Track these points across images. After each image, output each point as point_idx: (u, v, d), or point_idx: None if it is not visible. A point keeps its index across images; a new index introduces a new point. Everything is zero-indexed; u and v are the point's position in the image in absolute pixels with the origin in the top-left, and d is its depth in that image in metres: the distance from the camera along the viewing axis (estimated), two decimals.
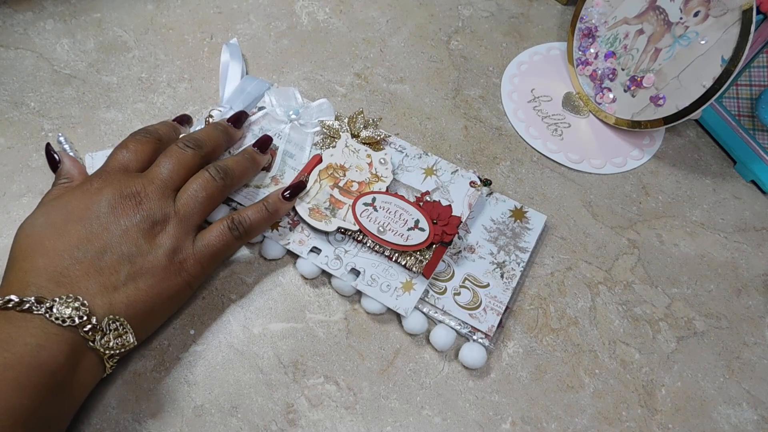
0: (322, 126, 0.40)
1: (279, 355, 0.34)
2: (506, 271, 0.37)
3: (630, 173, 0.43)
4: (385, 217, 0.36)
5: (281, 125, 0.40)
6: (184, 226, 0.32)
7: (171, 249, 0.32)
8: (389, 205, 0.37)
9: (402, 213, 0.36)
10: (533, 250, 0.38)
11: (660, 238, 0.40)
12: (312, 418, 0.32)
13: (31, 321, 0.27)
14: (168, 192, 0.33)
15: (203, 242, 0.33)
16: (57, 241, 0.30)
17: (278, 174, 0.39)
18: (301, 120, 0.41)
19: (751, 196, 0.43)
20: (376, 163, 0.39)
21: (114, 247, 0.30)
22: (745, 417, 0.34)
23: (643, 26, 0.43)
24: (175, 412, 0.32)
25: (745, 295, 0.38)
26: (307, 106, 0.42)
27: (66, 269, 0.29)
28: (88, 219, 0.31)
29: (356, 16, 0.50)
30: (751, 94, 0.41)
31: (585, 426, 0.33)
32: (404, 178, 0.39)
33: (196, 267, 0.33)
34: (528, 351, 0.35)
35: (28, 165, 0.40)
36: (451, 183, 0.39)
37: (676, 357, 0.36)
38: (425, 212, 0.36)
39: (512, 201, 0.39)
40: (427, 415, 0.33)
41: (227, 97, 0.42)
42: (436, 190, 0.39)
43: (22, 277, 0.29)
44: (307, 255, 0.36)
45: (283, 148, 0.40)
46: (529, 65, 0.48)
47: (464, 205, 0.38)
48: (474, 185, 0.39)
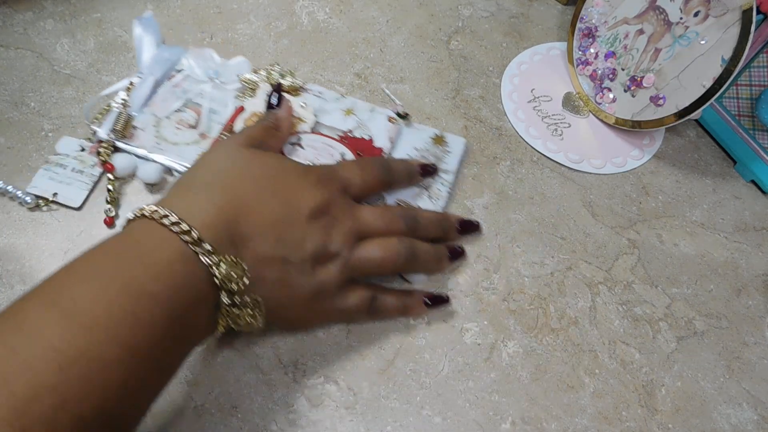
0: (241, 80, 0.42)
1: (279, 355, 0.34)
2: (432, 193, 0.39)
3: (630, 173, 0.43)
4: (312, 153, 0.39)
5: (202, 85, 0.42)
6: (343, 274, 0.32)
7: (320, 286, 0.31)
8: (315, 143, 0.39)
9: (327, 148, 0.39)
10: (456, 172, 0.41)
11: (660, 238, 0.40)
12: (312, 418, 0.32)
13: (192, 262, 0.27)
14: (357, 237, 0.33)
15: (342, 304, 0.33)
16: (255, 204, 0.30)
17: (205, 130, 0.41)
18: (222, 78, 0.43)
19: (751, 196, 0.43)
20: (297, 107, 0.41)
21: (287, 245, 0.30)
22: (745, 417, 0.34)
23: (643, 26, 0.43)
24: (175, 412, 0.32)
25: (745, 295, 0.38)
26: (226, 65, 0.44)
27: (246, 236, 0.29)
28: (290, 205, 0.31)
29: (356, 16, 0.50)
30: (751, 94, 0.41)
31: (585, 426, 0.33)
32: (325, 120, 0.42)
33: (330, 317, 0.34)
34: (528, 351, 0.35)
35: (28, 165, 0.40)
36: (370, 120, 0.42)
37: (676, 357, 0.36)
38: (349, 146, 0.39)
39: (432, 129, 0.42)
40: (427, 415, 0.33)
41: (145, 65, 0.43)
42: (357, 128, 0.41)
43: (208, 210, 0.28)
44: None
45: (207, 106, 0.42)
46: (529, 65, 0.48)
47: (385, 139, 0.41)
48: (392, 120, 0.42)
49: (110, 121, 0.40)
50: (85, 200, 0.38)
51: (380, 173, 0.35)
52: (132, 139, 0.40)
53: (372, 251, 0.33)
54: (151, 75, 0.42)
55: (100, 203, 0.38)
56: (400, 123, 0.41)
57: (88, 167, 0.39)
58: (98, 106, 0.41)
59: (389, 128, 0.41)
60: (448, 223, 0.37)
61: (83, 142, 0.40)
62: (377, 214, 0.34)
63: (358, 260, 0.32)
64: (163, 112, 0.41)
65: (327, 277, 0.31)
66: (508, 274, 0.38)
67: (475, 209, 0.40)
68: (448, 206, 0.40)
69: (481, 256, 0.38)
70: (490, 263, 0.38)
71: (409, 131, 0.42)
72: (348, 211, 0.33)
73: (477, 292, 0.37)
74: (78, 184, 0.38)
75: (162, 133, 0.40)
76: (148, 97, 0.42)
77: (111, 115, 0.40)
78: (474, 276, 0.38)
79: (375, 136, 0.41)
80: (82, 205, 0.38)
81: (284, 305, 0.31)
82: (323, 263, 0.31)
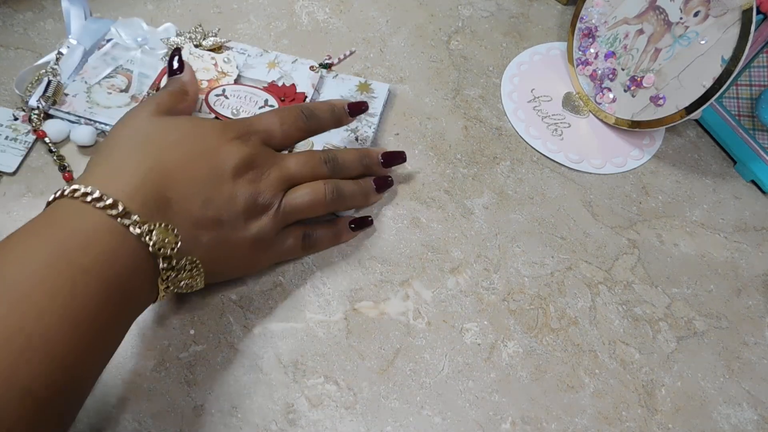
0: (166, 44, 0.44)
1: (279, 355, 0.34)
2: (360, 135, 0.42)
3: (630, 173, 0.43)
4: (236, 102, 0.41)
5: (131, 52, 0.44)
6: (277, 223, 0.33)
7: (256, 239, 0.32)
8: (239, 92, 0.41)
9: (251, 96, 0.41)
10: (381, 114, 0.43)
11: (660, 238, 0.40)
12: (312, 418, 0.32)
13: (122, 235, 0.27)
14: (285, 186, 0.34)
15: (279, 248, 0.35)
16: (176, 166, 0.30)
17: (137, 93, 0.42)
18: (150, 44, 0.45)
19: (751, 196, 0.43)
20: (221, 62, 0.43)
21: (216, 205, 0.31)
22: (745, 417, 0.34)
23: (643, 26, 0.43)
24: (175, 412, 0.32)
25: (745, 295, 0.38)
26: (154, 32, 0.45)
27: (173, 201, 0.29)
28: (212, 165, 0.31)
29: (356, 16, 0.50)
30: (751, 94, 0.41)
31: (585, 426, 0.33)
32: (250, 74, 0.44)
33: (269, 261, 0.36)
34: (528, 351, 0.35)
35: (27, 165, 0.40)
36: (293, 71, 0.44)
37: (676, 357, 0.36)
38: (272, 93, 0.42)
39: (356, 78, 0.45)
40: (427, 415, 0.33)
41: (74, 35, 0.44)
42: (280, 79, 0.43)
43: (131, 182, 0.28)
44: None
45: (137, 71, 0.43)
46: (529, 65, 0.48)
47: (308, 86, 0.43)
48: (313, 68, 0.44)
49: (41, 89, 0.41)
50: (19, 166, 0.39)
51: (301, 121, 0.35)
52: (64, 106, 0.41)
53: (300, 197, 0.34)
54: (80, 45, 0.44)
55: (35, 168, 0.40)
56: (322, 72, 0.44)
57: (21, 135, 0.40)
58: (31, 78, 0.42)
59: (311, 76, 0.44)
60: (370, 159, 0.38)
61: (17, 111, 0.41)
62: (301, 162, 0.34)
63: (288, 208, 0.33)
64: (94, 79, 0.43)
65: (261, 229, 0.32)
66: (508, 274, 0.38)
67: (475, 209, 0.40)
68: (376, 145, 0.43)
69: (481, 256, 0.38)
70: (490, 263, 0.38)
71: (335, 82, 0.45)
72: (272, 163, 0.33)
73: (477, 292, 0.37)
74: (12, 151, 0.40)
75: (94, 98, 0.42)
76: (78, 65, 0.43)
77: (42, 83, 0.41)
78: (474, 276, 0.38)
79: (298, 83, 0.43)
80: (17, 170, 0.39)
81: (222, 261, 0.32)
82: (256, 216, 0.32)
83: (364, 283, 0.37)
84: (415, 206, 0.40)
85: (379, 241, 0.38)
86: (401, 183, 0.41)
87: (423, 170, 0.42)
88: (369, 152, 0.38)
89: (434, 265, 0.38)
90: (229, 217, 0.31)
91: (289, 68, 0.44)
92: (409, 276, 0.37)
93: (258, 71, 0.44)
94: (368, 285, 0.37)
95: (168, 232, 0.28)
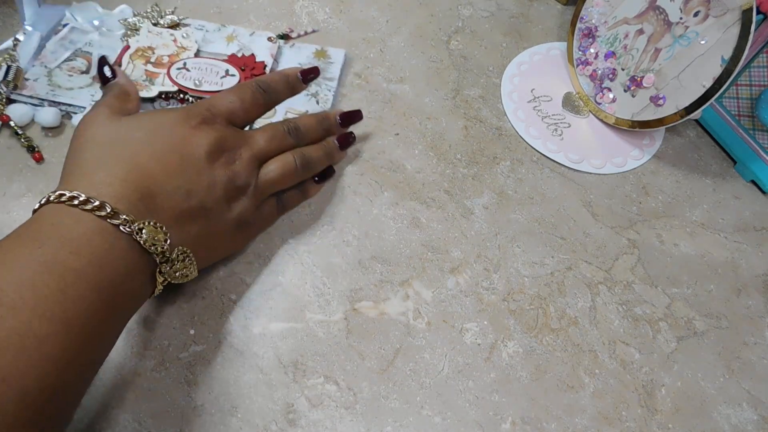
0: (123, 24, 0.45)
1: (279, 355, 0.34)
2: (320, 99, 0.44)
3: (630, 173, 0.43)
4: (198, 73, 0.42)
5: (89, 35, 0.45)
6: (256, 200, 0.35)
7: (240, 219, 0.34)
8: (200, 64, 0.43)
9: (212, 67, 0.43)
10: (339, 78, 0.45)
11: (660, 238, 0.40)
12: (312, 418, 0.32)
13: (111, 236, 0.27)
14: (257, 163, 0.35)
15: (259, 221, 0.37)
16: (153, 164, 0.30)
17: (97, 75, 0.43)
18: (107, 26, 0.46)
19: (751, 196, 0.43)
20: (180, 38, 0.45)
21: (199, 194, 0.31)
22: (745, 417, 0.34)
23: (643, 26, 0.43)
24: (175, 412, 0.32)
25: (745, 295, 0.38)
26: (110, 14, 0.46)
27: (156, 195, 0.29)
28: (186, 155, 0.31)
29: (356, 16, 0.50)
30: (751, 94, 0.41)
31: (585, 426, 0.33)
32: (209, 48, 0.45)
33: (253, 235, 0.37)
34: (528, 351, 0.35)
35: (28, 165, 0.40)
36: (251, 43, 0.46)
37: (676, 357, 0.36)
38: (232, 63, 0.43)
39: (313, 45, 0.47)
40: (427, 415, 0.33)
41: (29, 21, 0.45)
42: (239, 51, 0.45)
43: (111, 181, 0.28)
44: None
45: (96, 53, 0.44)
46: (529, 65, 0.48)
47: (267, 56, 0.45)
48: (271, 39, 0.46)
49: (1, 74, 0.41)
50: None
51: (258, 95, 0.36)
52: (25, 90, 0.42)
53: (273, 172, 0.35)
54: (36, 31, 0.44)
55: (2, 151, 0.40)
56: (280, 42, 0.46)
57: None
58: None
59: (270, 46, 0.46)
60: (329, 121, 0.40)
61: None
62: (267, 137, 0.36)
63: (264, 184, 0.35)
64: (54, 63, 0.43)
65: (243, 208, 0.34)
66: (508, 274, 0.38)
67: (475, 209, 0.40)
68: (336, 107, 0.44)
69: (481, 256, 0.38)
70: (490, 263, 0.38)
71: (292, 51, 0.46)
72: (242, 143, 0.34)
73: (477, 292, 0.37)
74: None
75: (55, 81, 0.42)
76: (35, 51, 0.44)
77: (1, 69, 0.42)
78: (474, 276, 0.38)
79: (257, 54, 0.45)
80: None
81: (212, 247, 0.33)
82: (236, 198, 0.33)
83: (364, 283, 0.37)
84: (415, 206, 0.40)
85: (379, 241, 0.38)
86: (401, 183, 0.41)
87: (423, 170, 0.42)
88: (327, 115, 0.40)
89: (434, 265, 0.38)
90: (212, 203, 0.32)
91: (247, 41, 0.46)
92: (409, 276, 0.37)
93: (217, 45, 0.45)
94: (368, 285, 0.37)
95: (157, 230, 0.28)
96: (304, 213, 0.39)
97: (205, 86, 0.42)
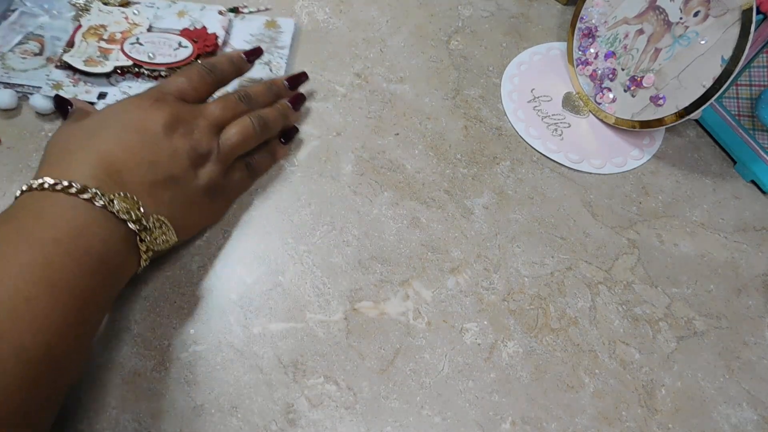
0: (73, 6, 0.46)
1: (279, 355, 0.34)
2: (273, 66, 0.46)
3: (630, 173, 0.43)
4: (151, 47, 0.43)
5: (40, 18, 0.46)
6: (221, 165, 0.36)
7: (209, 185, 0.35)
8: (153, 39, 0.44)
9: (165, 41, 0.44)
10: (290, 47, 0.47)
11: (660, 238, 0.40)
12: (312, 418, 0.32)
13: (87, 211, 0.29)
14: (215, 130, 0.36)
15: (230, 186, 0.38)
16: (114, 144, 0.32)
17: (51, 55, 0.44)
18: (57, 9, 0.46)
19: (751, 196, 0.43)
20: (131, 15, 0.46)
21: (164, 164, 0.33)
22: (745, 417, 0.34)
23: (643, 26, 0.43)
24: (175, 412, 0.32)
25: (745, 295, 0.38)
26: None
27: (121, 170, 0.31)
28: (144, 131, 0.33)
29: (356, 16, 0.50)
30: (751, 94, 0.41)
31: (585, 426, 0.33)
32: (161, 24, 0.46)
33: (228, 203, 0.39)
34: (528, 351, 0.35)
35: (28, 165, 0.40)
36: (202, 18, 0.47)
37: (676, 357, 0.36)
38: (185, 36, 0.44)
39: (263, 16, 0.48)
40: (427, 415, 0.33)
41: None
42: (191, 26, 0.46)
43: (78, 167, 0.30)
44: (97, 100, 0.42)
45: (49, 35, 0.45)
46: (529, 65, 0.48)
47: (218, 28, 0.46)
48: (222, 12, 0.47)
49: None
50: None
51: (205, 75, 0.38)
52: None
53: (233, 135, 0.37)
54: None
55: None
56: (230, 15, 0.48)
57: None
58: None
59: (221, 19, 0.47)
60: (277, 85, 0.42)
61: None
62: (220, 106, 0.37)
63: (226, 149, 0.36)
64: (6, 47, 0.44)
65: (210, 174, 0.35)
66: (508, 274, 0.38)
67: (475, 209, 0.40)
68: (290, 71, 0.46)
69: (481, 256, 0.38)
70: (490, 263, 0.38)
71: (243, 23, 0.48)
72: (196, 114, 0.36)
73: (477, 292, 0.37)
74: None
75: (9, 64, 0.43)
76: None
77: None
78: (474, 276, 0.38)
79: (208, 27, 0.46)
80: None
81: (187, 215, 0.35)
82: (202, 164, 0.35)
83: (364, 283, 0.37)
84: (415, 206, 0.40)
85: (379, 241, 0.38)
86: (401, 183, 0.41)
87: (423, 170, 0.42)
88: (274, 81, 0.42)
89: (434, 265, 0.38)
90: (179, 172, 0.33)
91: (198, 15, 0.47)
92: (409, 276, 0.37)
93: (169, 21, 0.46)
94: (368, 285, 0.37)
95: (128, 199, 0.30)
96: (304, 213, 0.39)
97: (159, 59, 0.43)
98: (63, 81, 0.42)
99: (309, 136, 0.43)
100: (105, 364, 0.33)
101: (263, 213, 0.39)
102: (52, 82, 0.42)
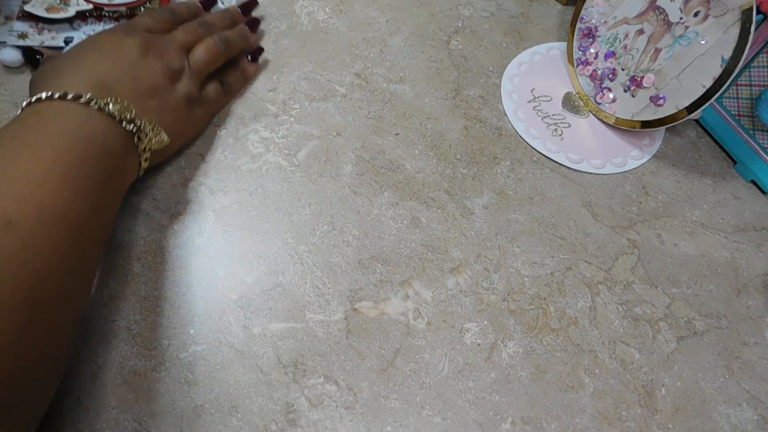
0: None
1: (279, 355, 0.34)
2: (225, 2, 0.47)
3: (630, 173, 0.43)
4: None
5: None
6: (195, 79, 0.40)
7: (187, 94, 0.39)
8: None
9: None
10: None
11: (660, 238, 0.40)
12: (312, 418, 0.32)
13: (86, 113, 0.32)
14: (183, 51, 0.40)
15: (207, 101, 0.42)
16: (97, 62, 0.35)
17: (9, 14, 0.45)
18: None
19: (751, 196, 0.43)
20: None
21: (144, 78, 0.37)
22: (745, 417, 0.34)
23: (643, 26, 0.43)
24: (175, 412, 0.32)
25: (745, 295, 0.38)
26: None
27: (108, 82, 0.35)
28: (121, 53, 0.37)
29: (356, 16, 0.50)
30: (751, 94, 0.41)
31: (585, 426, 0.33)
32: None
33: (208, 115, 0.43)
34: (528, 351, 0.35)
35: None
36: None
37: (676, 357, 0.36)
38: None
39: None
40: (427, 415, 0.33)
41: None
42: None
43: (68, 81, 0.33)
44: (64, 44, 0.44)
45: None
46: (529, 65, 0.48)
47: None
48: None
49: None
50: None
51: (167, 16, 0.42)
52: None
53: (201, 53, 0.41)
54: None
55: None
56: None
57: None
58: None
59: None
60: (231, 13, 0.47)
61: None
62: (182, 31, 0.42)
63: (196, 65, 0.41)
64: None
65: (187, 87, 0.39)
66: (508, 274, 0.38)
67: (475, 209, 0.40)
68: None
69: (481, 256, 0.38)
70: (490, 263, 0.38)
71: None
72: (165, 41, 0.40)
73: (477, 292, 0.37)
74: None
75: None
76: None
77: None
78: (474, 276, 0.38)
79: None
80: None
81: (173, 122, 0.38)
82: (177, 79, 0.39)
83: (364, 283, 0.37)
84: (415, 206, 0.40)
85: (379, 241, 0.38)
86: (401, 183, 0.41)
87: (423, 170, 0.42)
88: (227, 9, 0.47)
89: (434, 265, 0.38)
90: (159, 83, 0.37)
91: None
92: (409, 276, 0.37)
93: None
94: (368, 285, 0.37)
95: (121, 103, 0.34)
96: (304, 213, 0.39)
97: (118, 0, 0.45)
98: (27, 31, 0.44)
99: (309, 136, 0.43)
100: (105, 364, 0.33)
101: (263, 213, 0.39)
102: (16, 33, 0.44)
